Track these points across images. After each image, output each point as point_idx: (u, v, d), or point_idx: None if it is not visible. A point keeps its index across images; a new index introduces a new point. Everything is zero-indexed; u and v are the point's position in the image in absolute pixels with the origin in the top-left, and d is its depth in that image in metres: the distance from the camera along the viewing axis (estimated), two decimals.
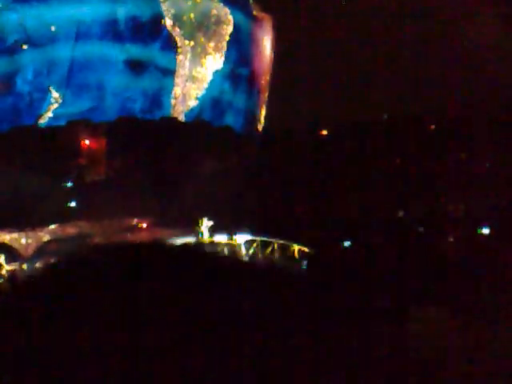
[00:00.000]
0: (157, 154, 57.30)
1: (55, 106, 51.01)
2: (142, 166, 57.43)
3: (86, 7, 50.41)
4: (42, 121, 51.29)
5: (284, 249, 48.94)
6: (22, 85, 50.07)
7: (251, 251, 49.96)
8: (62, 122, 51.57)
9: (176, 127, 56.91)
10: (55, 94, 50.79)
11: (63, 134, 53.77)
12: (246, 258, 47.84)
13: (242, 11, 57.26)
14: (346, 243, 49.13)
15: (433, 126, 57.01)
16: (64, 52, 50.38)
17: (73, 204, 55.56)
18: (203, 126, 57.33)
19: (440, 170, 52.51)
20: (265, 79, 60.84)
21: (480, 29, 49.97)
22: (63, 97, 50.95)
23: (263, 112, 61.57)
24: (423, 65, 56.43)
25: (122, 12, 51.59)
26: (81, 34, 50.53)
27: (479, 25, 50.07)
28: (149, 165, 57.24)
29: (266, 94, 61.44)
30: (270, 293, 10.15)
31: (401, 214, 53.84)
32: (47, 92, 50.55)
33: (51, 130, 52.64)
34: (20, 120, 50.81)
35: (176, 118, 56.66)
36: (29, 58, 49.67)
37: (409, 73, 55.59)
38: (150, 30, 52.98)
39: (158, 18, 53.18)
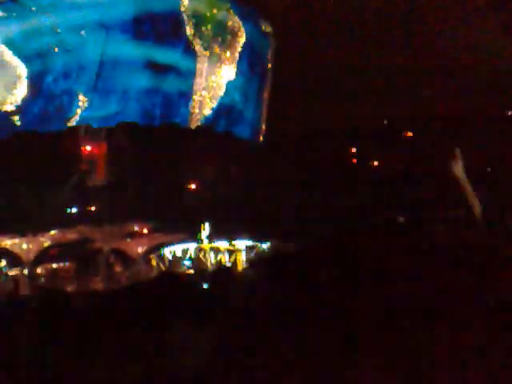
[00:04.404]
0: (158, 160, 57.92)
1: (83, 109, 51.25)
2: (144, 171, 57.93)
3: (113, 10, 51.17)
4: (70, 124, 51.39)
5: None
6: (52, 88, 50.16)
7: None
8: (94, 125, 51.72)
9: (178, 133, 57.80)
10: (83, 98, 51.06)
11: (64, 140, 53.79)
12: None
13: (253, 24, 59.38)
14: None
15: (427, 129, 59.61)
16: (92, 56, 50.86)
17: (74, 209, 55.49)
18: (206, 133, 58.46)
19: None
20: (267, 90, 63.06)
21: (476, 33, 53.24)
22: (91, 100, 51.27)
23: (264, 121, 63.69)
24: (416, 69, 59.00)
25: (146, 15, 52.67)
26: (109, 38, 51.16)
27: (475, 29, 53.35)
28: (150, 171, 57.78)
29: (267, 105, 63.62)
30: None
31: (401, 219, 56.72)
32: (76, 95, 50.78)
33: (52, 136, 52.55)
34: (49, 123, 50.72)
35: (177, 124, 57.60)
36: (60, 61, 49.88)
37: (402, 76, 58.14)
38: (172, 35, 54.20)
39: (180, 25, 54.57)
